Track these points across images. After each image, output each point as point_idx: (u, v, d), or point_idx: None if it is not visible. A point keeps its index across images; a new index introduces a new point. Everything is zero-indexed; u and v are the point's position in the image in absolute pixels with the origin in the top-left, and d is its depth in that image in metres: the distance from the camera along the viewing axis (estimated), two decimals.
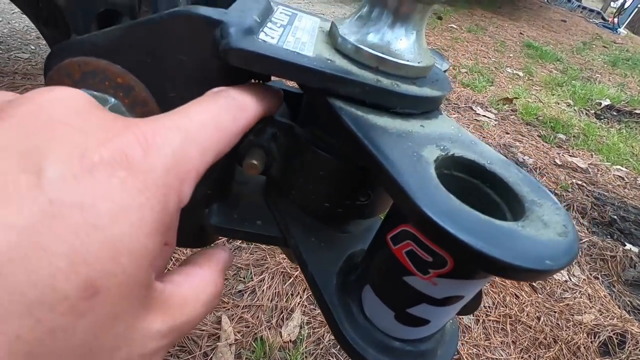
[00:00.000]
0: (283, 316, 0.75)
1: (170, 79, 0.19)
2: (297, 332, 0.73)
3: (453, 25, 3.25)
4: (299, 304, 0.78)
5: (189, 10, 0.18)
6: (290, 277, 0.82)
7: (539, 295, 0.98)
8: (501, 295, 0.95)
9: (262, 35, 0.19)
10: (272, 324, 0.73)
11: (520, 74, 2.57)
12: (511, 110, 1.97)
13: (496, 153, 0.20)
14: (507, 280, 0.99)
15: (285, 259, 0.86)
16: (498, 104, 1.97)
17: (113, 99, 0.19)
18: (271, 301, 0.77)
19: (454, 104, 1.87)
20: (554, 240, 0.14)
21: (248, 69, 0.18)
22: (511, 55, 2.94)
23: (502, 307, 0.92)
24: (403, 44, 0.20)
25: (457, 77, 2.18)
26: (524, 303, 0.94)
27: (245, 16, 0.19)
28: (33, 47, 1.34)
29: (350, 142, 0.18)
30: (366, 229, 0.26)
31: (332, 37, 0.22)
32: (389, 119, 0.19)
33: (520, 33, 3.77)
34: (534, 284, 1.01)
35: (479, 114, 1.83)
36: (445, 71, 0.31)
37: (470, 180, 0.19)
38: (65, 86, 0.13)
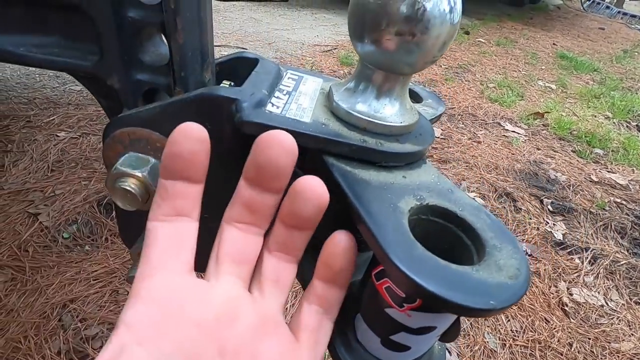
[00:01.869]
0: None
1: None
2: None
3: (481, 40, 3.23)
4: None
5: (212, 91, 0.23)
6: None
7: (572, 320, 0.94)
8: (529, 319, 0.92)
9: (269, 107, 0.24)
10: None
11: (553, 86, 2.50)
12: (542, 125, 1.92)
13: (470, 200, 0.23)
14: (536, 304, 0.96)
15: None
16: (528, 119, 1.93)
17: (153, 159, 0.24)
18: None
19: (481, 120, 1.85)
20: (502, 284, 0.17)
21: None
22: (543, 67, 2.87)
23: (531, 331, 0.90)
24: (388, 110, 0.24)
25: (484, 92, 2.15)
26: (554, 328, 0.91)
27: (256, 91, 0.24)
28: None
29: (340, 192, 0.21)
30: (365, 260, 0.30)
31: (329, 101, 0.26)
32: (374, 172, 0.23)
33: (554, 44, 3.66)
34: (566, 308, 0.97)
35: (507, 130, 1.80)
36: (440, 115, 0.34)
37: (446, 224, 0.22)
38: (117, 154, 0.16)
